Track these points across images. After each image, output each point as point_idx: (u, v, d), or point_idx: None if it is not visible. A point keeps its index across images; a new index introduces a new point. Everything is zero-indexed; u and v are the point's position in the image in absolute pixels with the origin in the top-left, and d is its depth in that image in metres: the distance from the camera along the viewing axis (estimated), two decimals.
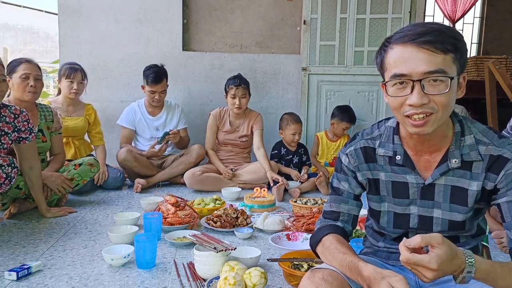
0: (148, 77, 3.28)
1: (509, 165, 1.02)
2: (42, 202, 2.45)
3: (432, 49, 0.95)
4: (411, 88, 0.98)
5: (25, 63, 2.55)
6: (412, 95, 0.97)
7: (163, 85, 3.33)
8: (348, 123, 3.54)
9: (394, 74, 0.99)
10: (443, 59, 0.96)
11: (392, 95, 1.02)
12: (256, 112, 3.53)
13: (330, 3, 3.84)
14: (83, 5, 3.81)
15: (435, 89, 0.97)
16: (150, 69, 3.32)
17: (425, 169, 1.11)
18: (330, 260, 1.07)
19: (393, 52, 1.01)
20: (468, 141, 1.06)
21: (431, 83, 0.97)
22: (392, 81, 1.00)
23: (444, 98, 0.97)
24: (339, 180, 1.22)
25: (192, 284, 1.58)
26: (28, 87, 2.53)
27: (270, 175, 3.16)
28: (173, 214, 2.26)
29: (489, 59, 3.94)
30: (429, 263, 0.86)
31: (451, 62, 0.97)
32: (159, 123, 3.46)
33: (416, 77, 0.96)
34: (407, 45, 0.97)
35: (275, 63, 4.01)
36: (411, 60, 0.97)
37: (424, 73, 0.96)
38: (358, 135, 1.22)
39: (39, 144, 2.68)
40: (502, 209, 1.04)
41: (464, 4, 6.50)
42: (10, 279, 1.58)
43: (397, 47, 1.00)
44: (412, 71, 0.97)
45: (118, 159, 3.24)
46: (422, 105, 0.97)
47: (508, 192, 1.02)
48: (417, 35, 0.96)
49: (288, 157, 3.41)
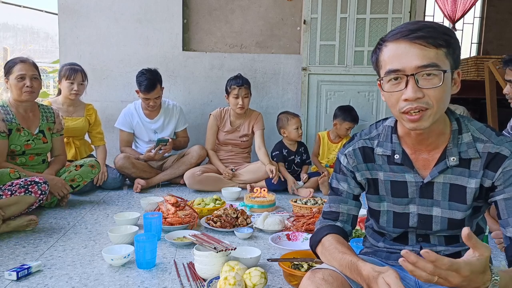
0: (141, 85, 3.18)
1: (506, 162, 1.02)
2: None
3: (424, 44, 0.98)
4: (405, 83, 1.00)
5: (20, 64, 2.53)
6: (407, 90, 0.99)
7: (157, 91, 3.24)
8: (351, 122, 3.50)
9: (389, 70, 1.02)
10: (436, 54, 0.98)
11: (388, 91, 1.04)
12: (256, 111, 3.53)
13: (330, 3, 3.84)
14: (83, 5, 3.81)
15: (429, 83, 0.98)
16: (142, 76, 3.20)
17: (424, 167, 1.11)
18: (330, 260, 1.08)
19: (387, 50, 1.03)
20: (465, 139, 1.07)
21: (424, 77, 0.98)
22: (387, 77, 1.03)
23: (438, 92, 0.98)
24: (338, 181, 1.23)
25: (192, 284, 1.58)
26: (25, 88, 2.52)
27: (269, 167, 3.16)
28: (173, 214, 2.26)
29: (489, 59, 3.94)
30: (462, 269, 0.82)
31: (443, 57, 0.99)
32: (157, 126, 3.41)
33: (410, 71, 0.98)
34: (400, 41, 1.00)
35: (275, 63, 4.01)
36: (404, 55, 0.99)
37: (417, 67, 0.98)
38: (356, 135, 1.23)
39: (39, 145, 2.68)
40: (499, 207, 1.05)
41: (464, 4, 6.49)
42: (10, 279, 1.58)
43: (391, 44, 1.02)
44: (405, 66, 0.99)
45: (115, 165, 3.23)
46: (417, 99, 0.98)
47: (505, 189, 1.03)
48: (409, 31, 0.99)
49: (290, 158, 3.39)
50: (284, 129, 3.37)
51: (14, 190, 2.25)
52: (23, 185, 2.29)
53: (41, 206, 2.54)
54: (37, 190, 2.32)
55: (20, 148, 2.59)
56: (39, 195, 2.33)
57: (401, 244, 1.18)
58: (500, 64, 3.06)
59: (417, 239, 1.16)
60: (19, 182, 2.29)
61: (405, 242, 1.18)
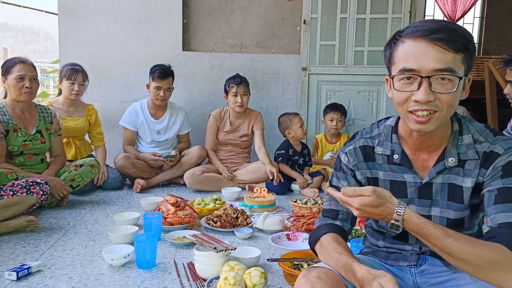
0: (155, 72, 3.25)
1: (498, 159, 1.02)
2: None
3: (444, 47, 0.95)
4: (418, 84, 0.97)
5: (20, 64, 2.53)
6: (419, 92, 0.97)
7: (169, 82, 3.30)
8: (331, 112, 3.52)
9: (403, 68, 0.99)
10: (453, 58, 0.96)
11: (398, 89, 1.01)
12: (256, 111, 3.53)
13: (330, 3, 3.84)
14: (83, 5, 3.81)
15: (442, 88, 0.97)
16: (157, 66, 3.31)
17: (423, 168, 1.11)
18: (327, 259, 1.08)
19: (404, 46, 1.00)
20: (466, 140, 1.07)
21: (439, 81, 0.97)
22: (400, 76, 1.00)
23: (450, 97, 0.97)
24: (338, 179, 1.23)
25: (192, 284, 1.58)
26: (24, 88, 2.52)
27: (269, 168, 3.16)
28: (173, 214, 2.26)
29: (489, 59, 3.94)
30: (352, 203, 0.98)
31: (460, 62, 0.97)
32: (161, 127, 3.41)
33: (425, 73, 0.96)
34: (419, 40, 0.97)
35: (275, 63, 4.01)
36: (422, 55, 0.96)
37: (434, 70, 0.95)
38: (357, 134, 1.22)
39: (37, 145, 2.68)
40: (484, 198, 1.04)
41: (464, 4, 6.50)
42: (10, 279, 1.58)
43: (409, 41, 0.99)
44: (421, 67, 0.96)
45: (116, 165, 3.24)
46: (428, 102, 0.97)
47: (492, 182, 1.02)
48: (430, 31, 0.96)
49: (294, 158, 3.38)
50: (289, 129, 3.34)
51: (16, 190, 2.25)
52: (25, 186, 2.29)
53: (41, 206, 2.54)
54: (38, 191, 2.33)
55: (17, 148, 2.59)
56: (41, 196, 2.34)
57: (401, 243, 1.18)
58: (500, 64, 3.06)
59: (416, 238, 1.16)
60: (20, 183, 2.30)
61: (404, 240, 1.18)
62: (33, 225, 2.20)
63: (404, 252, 1.16)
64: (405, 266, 1.15)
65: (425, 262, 1.14)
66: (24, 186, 2.29)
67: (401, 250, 1.17)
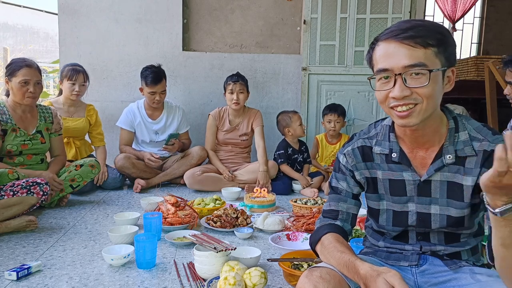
0: (147, 78, 3.19)
1: None
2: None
3: (412, 44, 1.00)
4: (393, 81, 1.02)
5: (25, 68, 2.51)
6: (394, 88, 1.02)
7: (162, 85, 3.26)
8: (330, 114, 3.51)
9: (379, 69, 1.05)
10: (424, 53, 1.00)
11: (378, 89, 1.07)
12: (255, 109, 3.52)
13: (330, 3, 3.84)
14: (83, 5, 3.81)
15: (416, 82, 1.01)
16: (148, 70, 3.23)
17: (421, 166, 1.12)
18: (329, 259, 1.08)
19: (379, 49, 1.06)
20: (462, 137, 1.07)
21: (412, 76, 1.01)
22: (377, 76, 1.06)
23: (426, 89, 1.01)
24: (338, 180, 1.24)
25: (192, 284, 1.58)
26: (28, 93, 2.52)
27: (261, 176, 3.19)
28: (173, 214, 2.26)
29: (489, 59, 3.94)
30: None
31: (433, 56, 1.01)
32: (159, 127, 3.40)
33: (397, 71, 1.01)
34: (390, 41, 1.03)
35: (275, 63, 4.01)
36: (393, 55, 1.02)
37: (405, 66, 1.00)
38: (355, 135, 1.24)
39: (37, 145, 2.68)
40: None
41: (464, 4, 6.49)
42: (10, 279, 1.58)
43: (382, 44, 1.05)
44: (393, 66, 1.02)
45: (116, 165, 3.23)
46: (404, 97, 1.01)
47: None
48: (400, 31, 1.01)
49: (294, 156, 3.39)
50: (289, 127, 3.35)
51: (16, 190, 2.26)
52: (25, 186, 2.29)
53: (41, 206, 2.54)
54: (39, 191, 2.33)
55: (16, 148, 2.59)
56: (41, 196, 2.34)
57: (401, 243, 1.18)
58: (500, 64, 3.06)
59: (417, 237, 1.17)
60: (20, 183, 2.30)
61: (405, 240, 1.18)
62: (33, 225, 2.20)
63: (404, 252, 1.17)
64: (406, 266, 1.15)
65: (426, 262, 1.14)
66: (24, 186, 2.29)
67: (401, 250, 1.17)
